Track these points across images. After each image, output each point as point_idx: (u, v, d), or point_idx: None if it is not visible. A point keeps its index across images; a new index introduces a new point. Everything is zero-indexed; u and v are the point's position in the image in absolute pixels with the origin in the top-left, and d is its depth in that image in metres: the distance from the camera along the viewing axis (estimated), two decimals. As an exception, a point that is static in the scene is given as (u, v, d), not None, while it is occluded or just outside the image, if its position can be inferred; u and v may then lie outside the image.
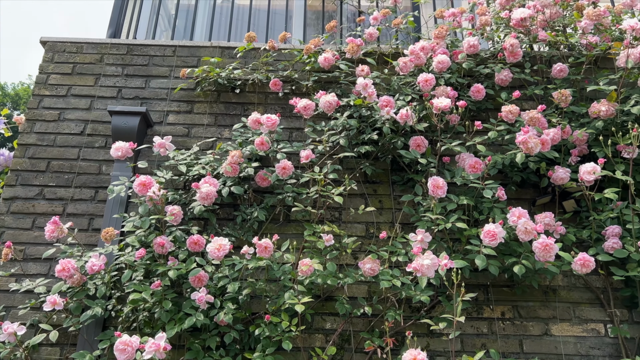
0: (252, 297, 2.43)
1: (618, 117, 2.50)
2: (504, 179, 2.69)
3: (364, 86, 2.48)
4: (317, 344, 2.38)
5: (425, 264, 2.01)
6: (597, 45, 2.73)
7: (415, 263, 2.03)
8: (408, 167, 2.68)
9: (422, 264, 2.01)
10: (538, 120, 2.41)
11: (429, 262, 2.01)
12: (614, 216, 2.41)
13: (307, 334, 2.39)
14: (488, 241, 2.10)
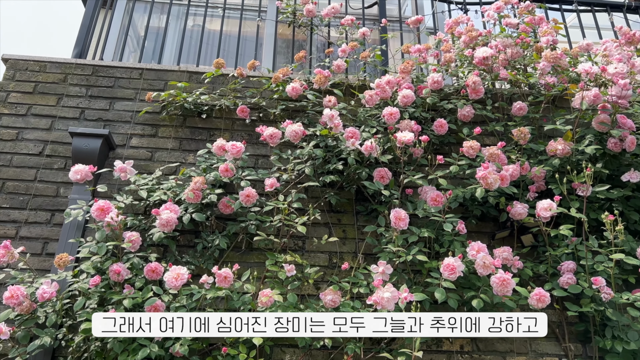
0: (210, 327, 2.37)
1: (573, 156, 2.59)
2: (465, 212, 2.74)
3: (330, 117, 2.51)
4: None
5: (385, 297, 2.01)
6: (554, 85, 2.84)
7: (375, 296, 2.03)
8: (372, 197, 2.70)
9: (382, 297, 2.01)
10: (498, 156, 2.48)
11: (389, 295, 2.01)
12: (569, 252, 2.48)
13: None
14: (447, 275, 2.13)
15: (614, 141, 2.52)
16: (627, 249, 2.50)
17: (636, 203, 2.65)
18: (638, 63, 2.69)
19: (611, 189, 2.59)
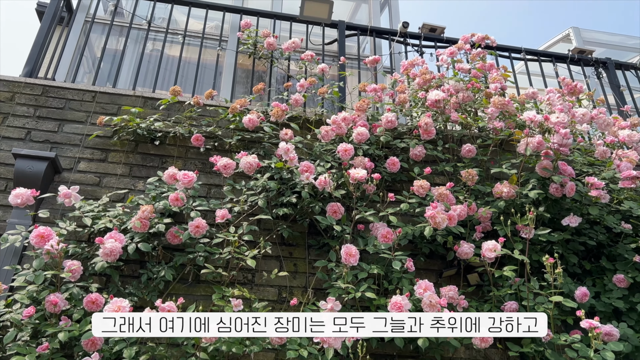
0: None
1: (518, 199, 2.70)
2: (414, 249, 2.78)
3: (286, 150, 2.52)
4: (218, 415, 2.25)
5: (332, 335, 1.99)
6: (502, 130, 2.97)
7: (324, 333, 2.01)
8: (325, 231, 2.71)
9: (330, 335, 1.99)
10: (446, 196, 2.55)
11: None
12: (512, 292, 2.55)
13: (207, 405, 2.26)
14: (394, 313, 2.14)
15: (555, 186, 2.65)
16: (565, 291, 2.60)
17: (575, 246, 2.77)
18: (578, 113, 2.85)
19: (552, 232, 2.71)
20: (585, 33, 5.73)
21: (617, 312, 2.65)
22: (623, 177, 2.60)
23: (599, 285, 2.73)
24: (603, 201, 2.63)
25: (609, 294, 2.64)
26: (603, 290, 2.69)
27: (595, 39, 5.76)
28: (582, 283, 2.74)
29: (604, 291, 2.68)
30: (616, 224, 2.78)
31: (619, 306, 2.56)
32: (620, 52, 5.74)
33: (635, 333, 2.46)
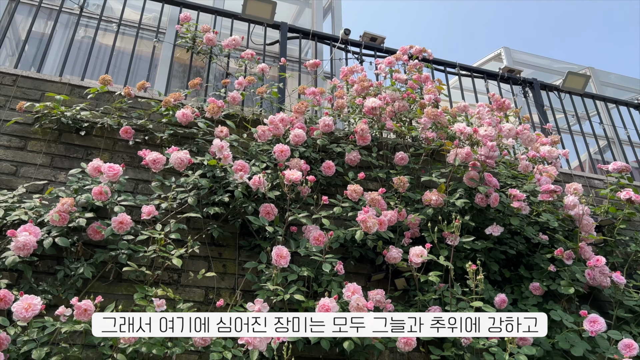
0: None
1: (445, 207, 2.79)
2: (345, 253, 2.80)
3: (220, 148, 2.46)
4: (133, 420, 2.15)
5: (257, 337, 1.96)
6: (434, 140, 3.06)
7: (248, 335, 1.97)
8: (257, 233, 2.67)
9: (255, 337, 1.96)
10: (378, 201, 2.59)
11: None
12: (436, 297, 2.63)
13: (122, 409, 2.15)
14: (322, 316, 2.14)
15: (481, 196, 2.76)
16: (486, 297, 2.71)
17: (497, 255, 2.90)
18: (505, 128, 2.99)
19: (476, 240, 2.82)
20: (515, 54, 6.06)
21: (532, 318, 2.80)
22: (542, 191, 2.75)
23: (517, 293, 2.87)
24: (524, 212, 2.78)
25: (525, 301, 2.78)
26: (520, 297, 2.83)
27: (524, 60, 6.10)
28: (502, 290, 2.87)
29: (521, 298, 2.82)
30: (534, 235, 2.94)
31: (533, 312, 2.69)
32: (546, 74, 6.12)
33: (547, 338, 2.60)
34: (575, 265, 2.81)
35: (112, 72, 3.64)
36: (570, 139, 4.52)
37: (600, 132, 5.00)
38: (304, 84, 3.43)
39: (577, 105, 4.63)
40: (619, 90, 6.21)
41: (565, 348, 2.51)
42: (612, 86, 6.21)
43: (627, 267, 3.31)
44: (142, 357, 2.19)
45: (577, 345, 2.49)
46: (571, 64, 6.24)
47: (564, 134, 4.70)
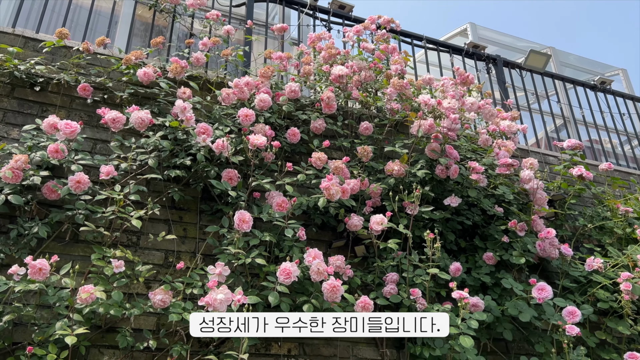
0: (15, 325, 2.09)
1: (407, 178, 2.84)
2: (308, 220, 2.82)
3: (182, 109, 2.41)
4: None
5: (218, 299, 1.97)
6: (398, 112, 3.09)
7: (207, 297, 1.98)
8: (219, 197, 2.65)
9: (215, 299, 1.97)
10: (342, 170, 2.61)
11: (222, 296, 1.98)
12: (394, 264, 2.70)
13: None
14: (283, 279, 2.16)
15: (441, 168, 2.82)
16: (442, 265, 2.80)
17: (454, 225, 2.98)
18: (468, 102, 3.05)
19: (435, 210, 2.90)
20: (480, 30, 6.14)
21: (484, 287, 2.92)
22: (500, 164, 2.84)
23: (471, 262, 2.97)
24: (481, 185, 2.86)
25: (479, 270, 2.89)
26: (474, 266, 2.94)
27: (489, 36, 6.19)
28: (457, 259, 2.97)
29: (475, 267, 2.93)
30: (490, 207, 3.04)
31: (486, 281, 2.81)
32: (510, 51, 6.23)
33: (498, 305, 2.73)
34: (527, 237, 2.93)
35: (70, 27, 3.47)
36: (529, 116, 4.65)
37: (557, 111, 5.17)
38: (270, 48, 3.37)
39: (537, 84, 4.75)
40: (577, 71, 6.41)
41: (514, 314, 2.63)
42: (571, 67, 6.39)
43: (575, 240, 3.48)
44: (99, 317, 2.17)
45: (525, 312, 2.62)
46: (534, 43, 6.38)
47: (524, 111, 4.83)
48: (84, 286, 1.96)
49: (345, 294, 2.29)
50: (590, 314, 2.94)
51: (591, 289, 3.00)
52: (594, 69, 6.49)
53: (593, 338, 2.91)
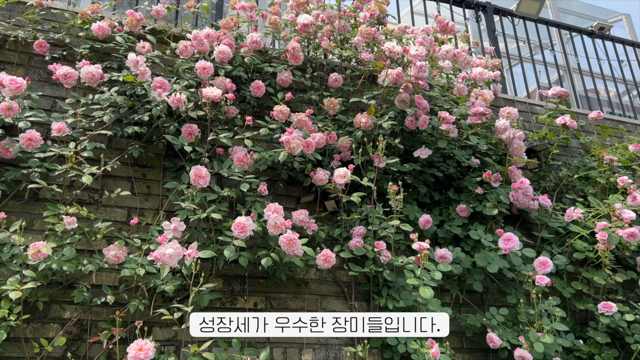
0: (-26, 282, 2.12)
1: (376, 130, 2.77)
2: (276, 175, 2.78)
3: (135, 63, 2.35)
4: (52, 334, 2.17)
5: (167, 253, 1.96)
6: (370, 62, 2.98)
7: (157, 252, 1.97)
8: (183, 154, 2.62)
9: (164, 253, 1.96)
10: (305, 123, 2.55)
11: (172, 251, 1.97)
12: (362, 218, 2.66)
13: (39, 324, 2.17)
14: (237, 233, 2.15)
15: (411, 119, 2.74)
16: (411, 218, 2.76)
17: (427, 178, 2.92)
18: (442, 49, 2.93)
19: (405, 163, 2.83)
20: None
21: (457, 239, 2.88)
22: (471, 113, 2.74)
23: (445, 215, 2.93)
24: (452, 135, 2.77)
25: (452, 222, 2.84)
26: (448, 219, 2.90)
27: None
28: (431, 212, 2.92)
29: (449, 220, 2.88)
30: (466, 158, 2.97)
31: (457, 233, 2.77)
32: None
33: (468, 257, 2.69)
34: (502, 187, 2.86)
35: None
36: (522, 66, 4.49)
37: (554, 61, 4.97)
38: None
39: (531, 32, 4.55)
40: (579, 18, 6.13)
41: (482, 265, 2.60)
42: (572, 14, 6.11)
43: (558, 191, 3.40)
44: (60, 274, 2.19)
45: (493, 263, 2.58)
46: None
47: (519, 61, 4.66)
48: (34, 243, 1.96)
49: (304, 247, 2.27)
50: (568, 265, 2.90)
51: (569, 240, 2.94)
52: (596, 15, 6.18)
53: (569, 289, 2.87)
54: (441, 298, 2.81)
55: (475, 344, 2.73)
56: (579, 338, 2.83)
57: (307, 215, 2.48)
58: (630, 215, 2.75)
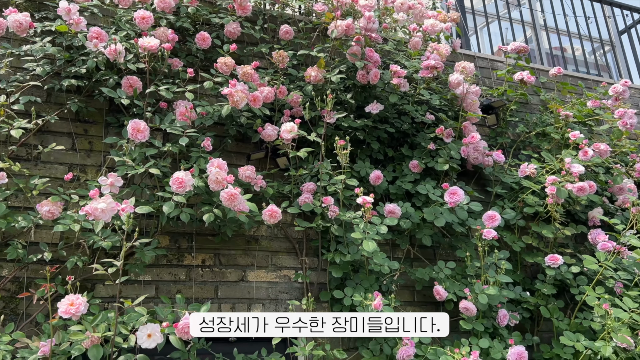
0: None
1: (328, 84, 2.70)
2: (225, 132, 2.72)
3: (67, 11, 2.23)
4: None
5: (99, 207, 1.91)
6: (322, 14, 2.89)
7: (88, 206, 1.92)
8: (126, 109, 2.53)
9: (96, 207, 1.91)
10: (251, 76, 2.48)
11: (104, 205, 1.92)
12: (313, 174, 2.63)
13: (-25, 283, 2.13)
14: (176, 188, 2.10)
15: (362, 73, 2.68)
16: (363, 174, 2.74)
17: (381, 134, 2.89)
18: (397, 1, 2.84)
19: (358, 118, 2.79)
20: None
21: (410, 195, 2.87)
22: (423, 67, 2.69)
23: (399, 171, 2.91)
24: (403, 89, 2.73)
25: (404, 179, 2.83)
26: (401, 175, 2.88)
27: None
28: (385, 169, 2.90)
29: (401, 176, 2.87)
30: (421, 114, 2.93)
31: (408, 188, 2.76)
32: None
33: (418, 212, 2.69)
34: (454, 143, 2.84)
35: None
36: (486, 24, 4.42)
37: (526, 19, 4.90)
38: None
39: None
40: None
41: (430, 220, 2.60)
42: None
43: (515, 148, 3.40)
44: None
45: (441, 217, 2.58)
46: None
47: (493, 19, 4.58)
48: (-40, 198, 1.89)
49: (248, 202, 2.24)
50: (519, 220, 2.93)
51: (522, 195, 2.96)
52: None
53: (520, 243, 2.90)
54: (393, 253, 2.83)
55: (427, 298, 2.77)
56: (529, 291, 2.89)
57: (253, 171, 2.44)
58: (579, 169, 2.77)
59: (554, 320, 2.70)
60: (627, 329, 2.33)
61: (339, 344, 2.53)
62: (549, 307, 2.76)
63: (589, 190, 2.79)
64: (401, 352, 2.22)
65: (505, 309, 2.61)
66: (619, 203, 3.23)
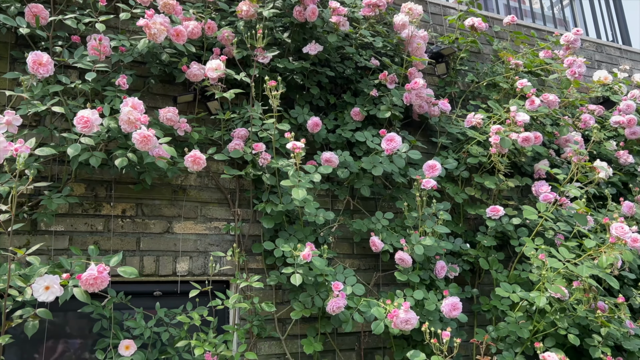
0: None
1: (263, 21, 2.49)
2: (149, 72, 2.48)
3: None
4: None
5: (-9, 147, 1.70)
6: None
7: (-28, 145, 1.70)
8: (35, 43, 2.27)
9: None
10: (173, 7, 2.24)
11: (-8, 145, 1.70)
12: (246, 120, 2.45)
13: None
14: (80, 128, 1.89)
15: (299, 9, 2.47)
16: (300, 121, 2.58)
17: (320, 78, 2.70)
18: None
19: (296, 60, 2.59)
20: None
21: (351, 144, 2.73)
22: (364, 4, 2.50)
23: (340, 119, 2.75)
24: (342, 29, 2.54)
25: (345, 127, 2.68)
26: (342, 123, 2.72)
27: None
28: (326, 117, 2.74)
29: (343, 124, 2.71)
30: (366, 59, 2.76)
31: (348, 137, 2.61)
32: None
33: (358, 161, 2.55)
34: (397, 89, 2.69)
35: None
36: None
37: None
38: None
39: None
40: None
41: (369, 169, 2.47)
42: None
43: (464, 97, 3.28)
44: None
45: (379, 166, 2.46)
46: None
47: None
48: None
49: (166, 146, 2.05)
50: (463, 171, 2.84)
51: (467, 146, 2.86)
52: None
53: (462, 194, 2.82)
54: (333, 205, 2.70)
55: (366, 250, 2.67)
56: (471, 243, 2.83)
57: (175, 113, 2.24)
58: (524, 118, 2.67)
59: (493, 272, 2.65)
60: (562, 280, 2.29)
61: (272, 297, 2.43)
62: (488, 259, 2.71)
63: (534, 141, 2.71)
64: (331, 303, 2.12)
65: (444, 261, 2.54)
66: (565, 155, 3.18)
